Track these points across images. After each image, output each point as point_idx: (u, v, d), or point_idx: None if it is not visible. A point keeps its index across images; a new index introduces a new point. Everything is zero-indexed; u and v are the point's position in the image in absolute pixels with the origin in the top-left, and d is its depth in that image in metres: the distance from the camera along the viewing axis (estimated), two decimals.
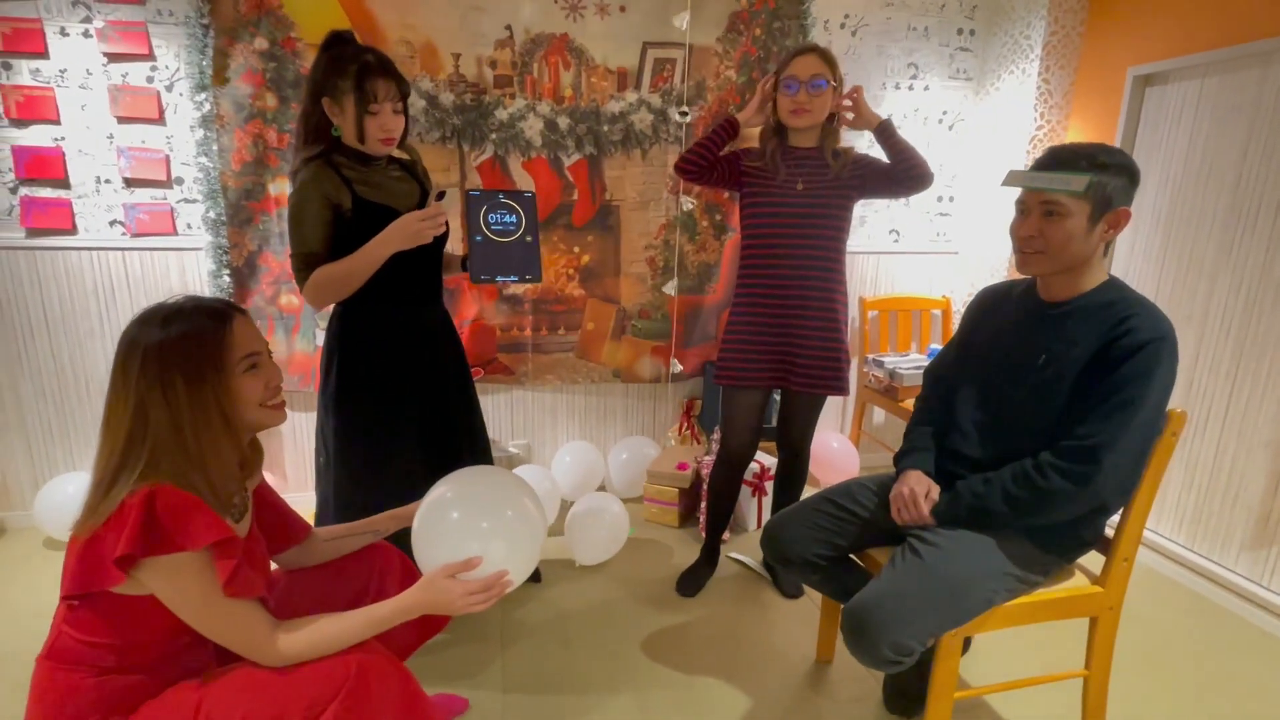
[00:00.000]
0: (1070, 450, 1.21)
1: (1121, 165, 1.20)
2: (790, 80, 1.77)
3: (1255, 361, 2.01)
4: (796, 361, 1.89)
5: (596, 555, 2.20)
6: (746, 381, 1.94)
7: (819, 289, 1.86)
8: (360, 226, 1.53)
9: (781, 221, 1.85)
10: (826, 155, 1.84)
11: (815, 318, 1.87)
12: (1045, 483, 1.22)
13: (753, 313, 1.91)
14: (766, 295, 1.89)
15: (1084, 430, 1.21)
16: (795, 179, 1.83)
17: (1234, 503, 2.08)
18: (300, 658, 1.01)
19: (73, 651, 0.99)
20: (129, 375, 0.95)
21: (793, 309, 1.87)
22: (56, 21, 2.08)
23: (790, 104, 1.78)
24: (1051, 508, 1.24)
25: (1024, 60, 2.58)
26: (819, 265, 1.85)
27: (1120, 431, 1.19)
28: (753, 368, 1.92)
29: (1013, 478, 1.26)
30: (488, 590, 1.07)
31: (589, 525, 2.18)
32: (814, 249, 1.85)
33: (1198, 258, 2.17)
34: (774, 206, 1.85)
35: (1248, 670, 1.79)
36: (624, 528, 2.23)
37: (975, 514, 1.30)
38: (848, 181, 1.84)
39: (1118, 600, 1.39)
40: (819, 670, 1.76)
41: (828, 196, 1.83)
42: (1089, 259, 1.25)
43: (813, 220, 1.84)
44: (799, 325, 1.87)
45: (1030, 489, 1.24)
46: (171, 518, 0.93)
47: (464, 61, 2.33)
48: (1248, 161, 2.01)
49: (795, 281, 1.85)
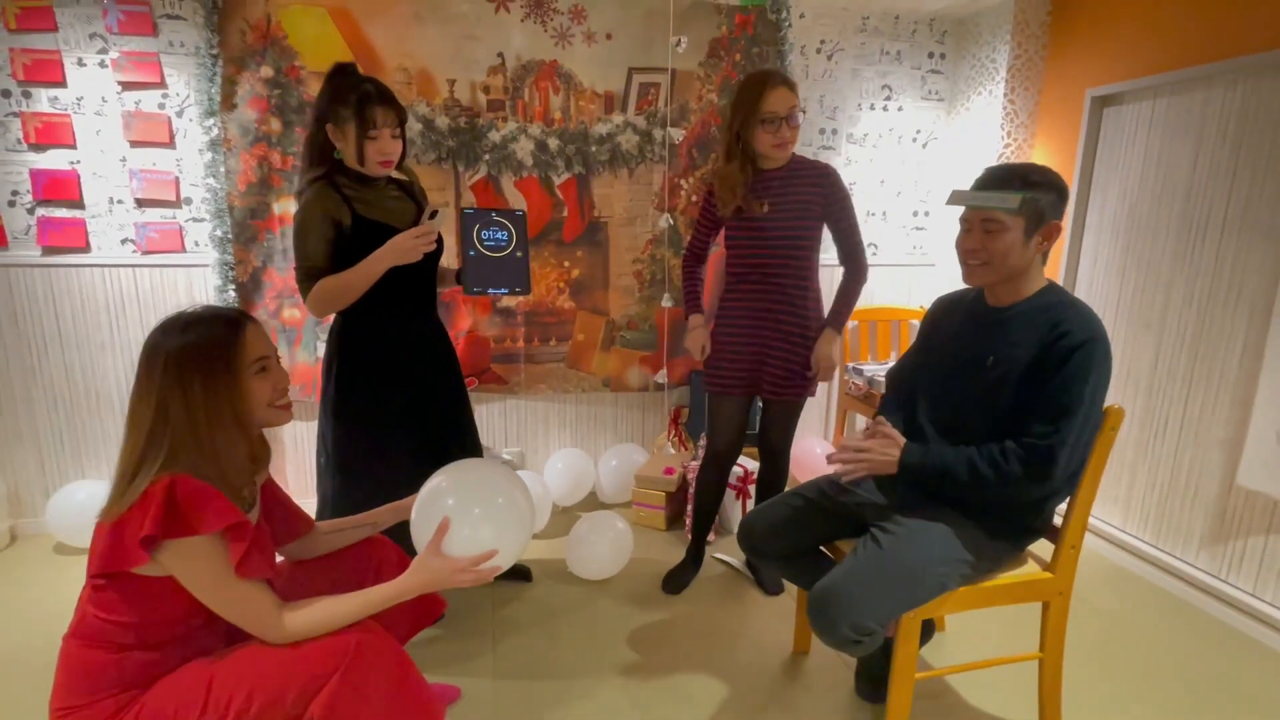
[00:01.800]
0: (1031, 446, 1.31)
1: (1050, 183, 1.32)
2: (770, 117, 1.83)
3: (1208, 366, 2.12)
4: (767, 371, 2.02)
5: (600, 571, 2.19)
6: (729, 389, 2.06)
7: (789, 302, 1.97)
8: (359, 242, 1.65)
9: (752, 241, 1.97)
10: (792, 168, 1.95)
11: (784, 329, 1.99)
12: (1008, 467, 1.31)
13: (733, 325, 2.04)
14: (743, 309, 2.02)
15: (1040, 429, 1.30)
16: (761, 202, 1.94)
17: (1193, 501, 2.18)
18: (304, 635, 1.11)
19: (96, 630, 1.08)
20: (152, 377, 1.05)
21: (765, 322, 1.99)
22: (75, 53, 2.21)
23: (773, 140, 1.86)
24: (1007, 488, 1.33)
25: (991, 82, 2.71)
26: (788, 280, 1.97)
27: (1069, 430, 1.29)
28: (734, 377, 2.05)
29: (980, 455, 1.34)
30: (477, 566, 1.16)
31: (593, 541, 2.17)
32: (782, 265, 1.96)
33: (1154, 268, 2.29)
34: (745, 233, 1.98)
35: (1206, 659, 1.88)
36: (627, 547, 2.21)
37: (938, 474, 1.36)
38: (812, 197, 1.95)
39: (1067, 585, 1.49)
40: (796, 660, 1.85)
41: (792, 214, 1.94)
42: (1027, 268, 1.37)
43: (780, 240, 1.94)
44: (769, 337, 2.00)
45: (994, 469, 1.32)
46: (190, 504, 1.02)
47: (458, 87, 2.46)
48: (1196, 176, 2.14)
49: (767, 296, 1.98)
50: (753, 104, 1.84)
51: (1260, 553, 1.99)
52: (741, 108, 1.86)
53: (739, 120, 1.87)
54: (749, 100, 1.85)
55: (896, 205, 2.99)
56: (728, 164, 1.93)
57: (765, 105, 1.83)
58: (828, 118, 2.83)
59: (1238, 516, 2.05)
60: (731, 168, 1.92)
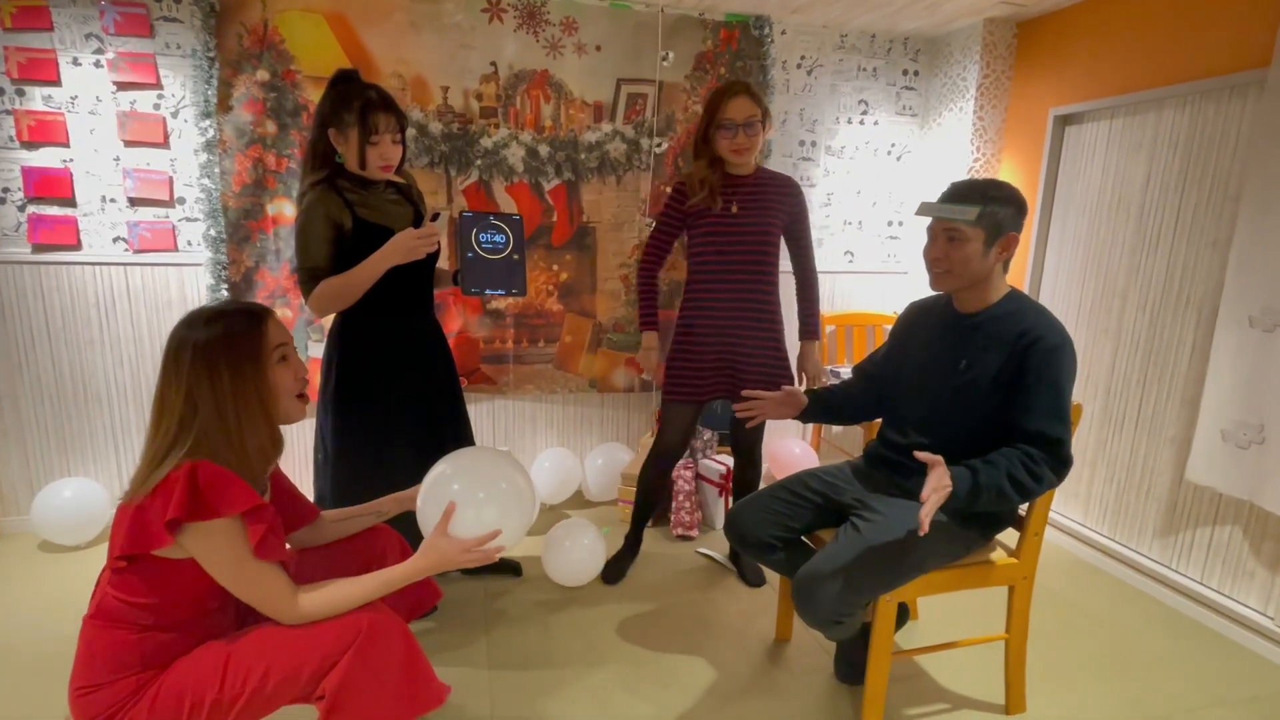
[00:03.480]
0: (1047, 447, 1.37)
1: (1008, 198, 1.43)
2: (728, 123, 1.95)
3: (1160, 369, 2.27)
4: (742, 375, 2.08)
5: (574, 578, 2.16)
6: (691, 398, 2.12)
7: (760, 304, 2.07)
8: (360, 244, 1.70)
9: (722, 244, 2.05)
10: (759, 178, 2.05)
11: (758, 332, 2.07)
12: (1040, 471, 1.37)
13: (701, 330, 2.09)
14: (713, 314, 2.08)
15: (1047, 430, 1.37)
16: (730, 203, 2.04)
17: (1147, 495, 2.33)
18: (317, 615, 1.16)
19: (116, 611, 1.12)
20: (180, 368, 1.10)
21: (737, 325, 2.07)
22: (70, 52, 2.23)
23: (730, 145, 1.98)
24: (1040, 491, 1.39)
25: (961, 99, 2.86)
26: (759, 283, 2.06)
27: (1067, 427, 1.40)
28: (697, 383, 2.11)
29: (1014, 466, 1.36)
30: (483, 545, 1.23)
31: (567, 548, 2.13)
32: (753, 268, 2.05)
33: (1111, 278, 2.44)
34: (715, 232, 2.05)
35: (1157, 640, 2.01)
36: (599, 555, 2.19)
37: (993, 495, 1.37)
38: (779, 205, 2.05)
39: (1031, 570, 1.60)
40: (777, 647, 1.94)
41: (761, 217, 2.04)
42: (989, 276, 1.48)
43: (750, 240, 2.04)
44: (743, 340, 2.07)
45: (1032, 477, 1.36)
46: (211, 488, 1.08)
47: (452, 94, 2.53)
48: (1149, 192, 2.29)
49: (738, 300, 2.06)
50: (715, 110, 1.98)
51: (1207, 543, 2.14)
52: (707, 114, 2.01)
53: (705, 125, 2.01)
54: (712, 106, 1.99)
55: (872, 215, 3.12)
56: (696, 162, 2.06)
57: (724, 112, 1.96)
58: (807, 130, 2.95)
59: (1187, 509, 2.19)
60: (699, 165, 2.04)
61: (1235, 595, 2.06)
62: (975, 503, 1.37)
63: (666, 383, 2.16)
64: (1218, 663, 1.92)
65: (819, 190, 3.02)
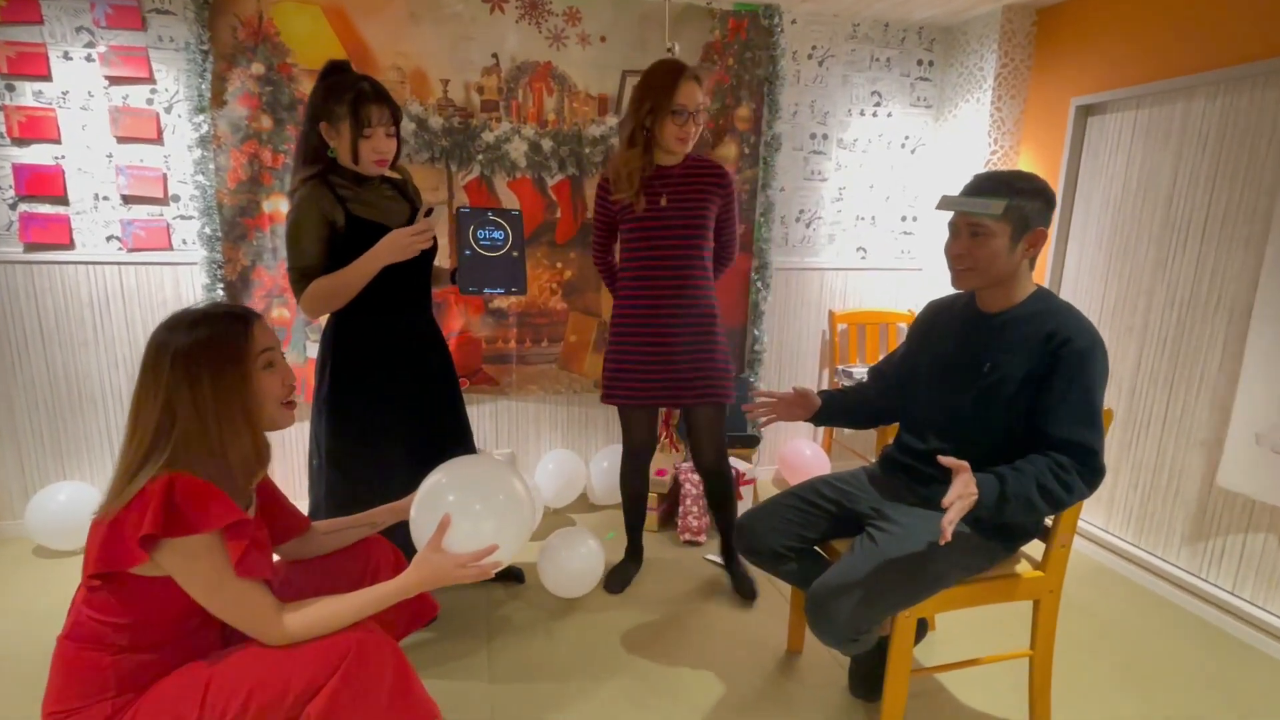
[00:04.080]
0: (1078, 454, 1.29)
1: (1036, 190, 1.34)
2: (680, 110, 1.80)
3: (1189, 369, 2.18)
4: (679, 376, 1.95)
5: (572, 589, 2.07)
6: (635, 401, 2.00)
7: (693, 300, 1.94)
8: (353, 241, 1.64)
9: (653, 239, 1.92)
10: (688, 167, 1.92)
11: (692, 329, 1.94)
12: (1071, 480, 1.29)
13: (634, 332, 1.97)
14: (646, 313, 1.95)
15: (1078, 436, 1.29)
16: (659, 195, 1.90)
17: (1174, 500, 2.23)
18: (303, 636, 1.10)
19: (91, 631, 1.06)
20: (159, 375, 1.04)
21: (671, 324, 1.93)
22: (60, 46, 2.17)
23: (679, 133, 1.83)
24: (1071, 502, 1.31)
25: (978, 90, 2.76)
26: (692, 277, 1.93)
27: (1099, 435, 1.32)
28: (640, 388, 1.98)
29: (1044, 474, 1.28)
30: (479, 561, 1.16)
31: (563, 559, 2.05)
32: (685, 262, 1.92)
33: (1137, 274, 2.35)
34: (644, 227, 1.91)
35: (1187, 654, 1.92)
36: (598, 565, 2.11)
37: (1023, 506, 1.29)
38: (712, 194, 1.92)
39: (1057, 584, 1.52)
40: (790, 659, 1.86)
41: (694, 209, 1.91)
42: (1015, 274, 1.39)
43: (681, 234, 1.91)
44: (677, 339, 1.93)
45: (1063, 486, 1.28)
46: (189, 502, 1.01)
47: (452, 87, 2.46)
48: (1177, 185, 2.19)
49: (671, 296, 1.92)
50: (664, 95, 1.79)
51: (1239, 551, 2.04)
52: (650, 96, 1.81)
53: (646, 109, 1.82)
54: (660, 90, 1.80)
55: (885, 210, 3.03)
56: (628, 150, 1.87)
57: (678, 97, 1.79)
58: (818, 123, 2.86)
59: (1217, 516, 2.10)
60: (632, 154, 1.86)
61: (1269, 607, 1.97)
62: (1002, 513, 1.29)
63: (607, 387, 2.03)
64: (1251, 677, 1.83)
65: (830, 185, 2.94)
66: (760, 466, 3.05)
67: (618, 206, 1.94)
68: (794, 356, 3.05)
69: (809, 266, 2.98)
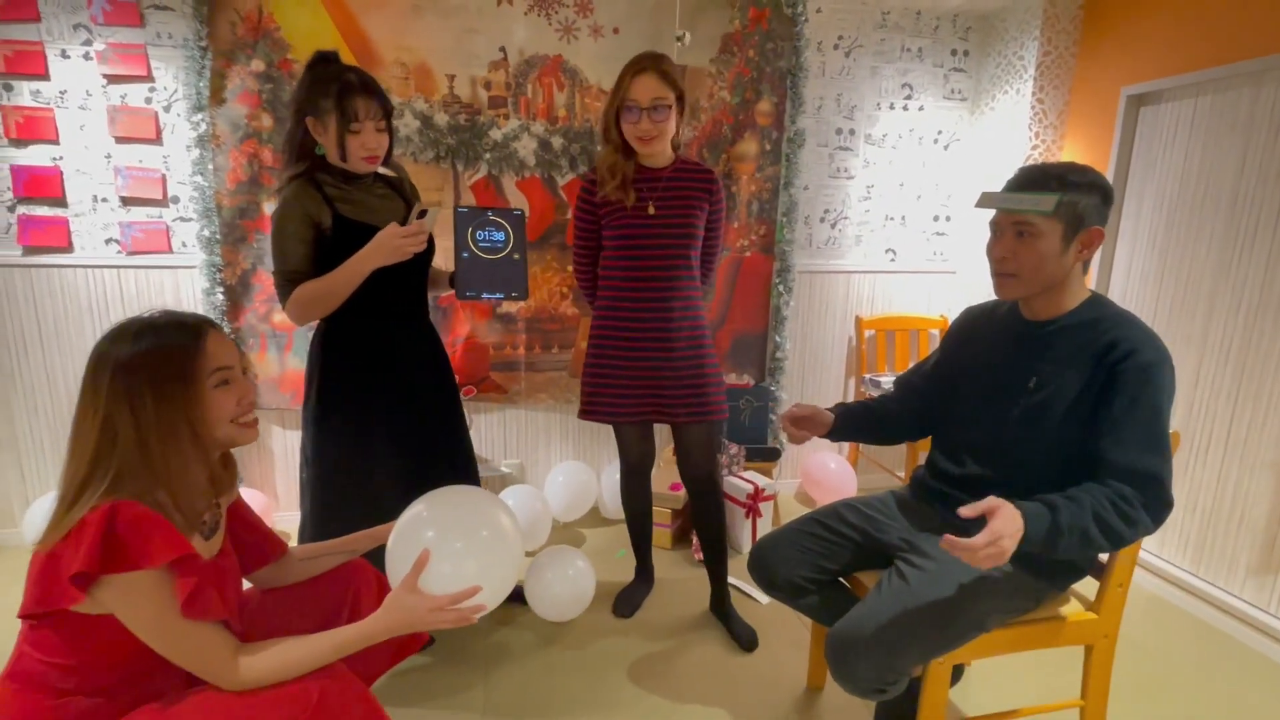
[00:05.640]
0: (1144, 485, 1.13)
1: (1093, 184, 1.18)
2: (631, 105, 1.65)
3: (1256, 383, 1.98)
4: (668, 392, 1.80)
5: (561, 612, 1.95)
6: (619, 419, 1.85)
7: (681, 313, 1.78)
8: (341, 244, 1.53)
9: (639, 247, 1.76)
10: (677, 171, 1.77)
11: (681, 343, 1.79)
12: (1135, 513, 1.12)
13: (618, 345, 1.81)
14: (630, 326, 1.79)
15: (1144, 464, 1.13)
16: (646, 202, 1.74)
17: (1239, 526, 2.03)
18: (262, 682, 0.99)
19: (34, 672, 0.97)
20: (98, 390, 0.94)
21: (658, 338, 1.78)
22: (58, 44, 2.11)
23: (634, 131, 1.68)
24: (1135, 538, 1.15)
25: (1018, 80, 2.58)
26: (679, 289, 1.77)
27: (1167, 462, 1.15)
28: (623, 404, 1.83)
29: (1103, 507, 1.12)
30: (457, 605, 1.04)
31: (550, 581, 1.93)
32: (672, 275, 1.77)
33: (1195, 278, 2.15)
34: (630, 234, 1.76)
35: (1253, 699, 1.73)
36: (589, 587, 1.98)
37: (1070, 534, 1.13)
38: (700, 201, 1.77)
39: (1113, 628, 1.35)
40: (810, 698, 1.71)
41: (682, 217, 1.75)
42: (1066, 278, 1.23)
43: (669, 244, 1.76)
44: (666, 354, 1.79)
45: (1125, 521, 1.12)
46: (132, 534, 0.91)
47: (458, 82, 2.35)
48: (1244, 180, 1.99)
49: (658, 309, 1.77)
50: (617, 89, 1.68)
51: None
52: (614, 90, 1.70)
53: (613, 105, 1.70)
54: (617, 85, 1.69)
55: (916, 209, 2.85)
56: (606, 146, 1.76)
57: (630, 92, 1.65)
58: (845, 117, 2.71)
59: None
60: (607, 152, 1.75)
61: None
62: (1054, 548, 1.12)
63: (586, 403, 1.88)
64: None
65: (857, 183, 2.77)
66: (781, 480, 2.90)
67: (605, 206, 1.78)
68: (818, 365, 2.89)
69: (834, 269, 2.82)
